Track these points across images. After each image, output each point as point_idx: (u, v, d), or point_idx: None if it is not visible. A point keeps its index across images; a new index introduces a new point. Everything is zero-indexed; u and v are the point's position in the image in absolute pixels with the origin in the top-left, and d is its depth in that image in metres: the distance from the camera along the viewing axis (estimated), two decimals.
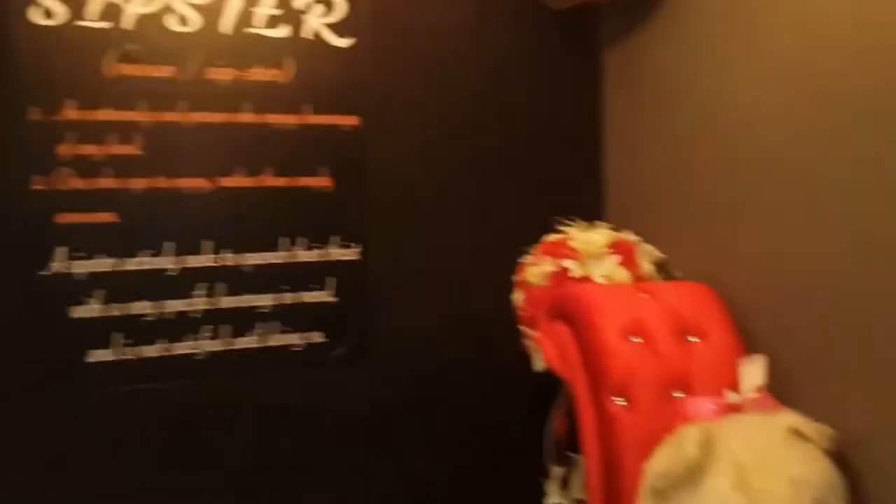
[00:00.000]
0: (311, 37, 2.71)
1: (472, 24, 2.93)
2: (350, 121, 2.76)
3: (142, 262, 2.56)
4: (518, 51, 2.98)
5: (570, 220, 2.72)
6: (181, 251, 2.60)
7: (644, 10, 2.79)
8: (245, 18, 2.64)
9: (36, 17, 2.43)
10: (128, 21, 2.51)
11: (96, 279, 2.51)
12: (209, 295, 2.63)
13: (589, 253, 2.53)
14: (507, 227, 2.90)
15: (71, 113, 2.46)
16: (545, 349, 2.41)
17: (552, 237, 2.67)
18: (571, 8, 2.89)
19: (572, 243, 2.57)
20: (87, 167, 2.48)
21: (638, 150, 2.85)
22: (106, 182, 2.50)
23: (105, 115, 2.49)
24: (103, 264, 2.51)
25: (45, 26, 2.44)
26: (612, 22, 3.02)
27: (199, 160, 2.60)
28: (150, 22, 2.54)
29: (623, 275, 2.51)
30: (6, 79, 2.40)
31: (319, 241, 2.75)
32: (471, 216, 2.92)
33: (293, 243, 2.72)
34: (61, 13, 2.45)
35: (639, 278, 2.52)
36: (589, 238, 2.58)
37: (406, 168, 2.85)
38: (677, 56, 2.62)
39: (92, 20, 2.48)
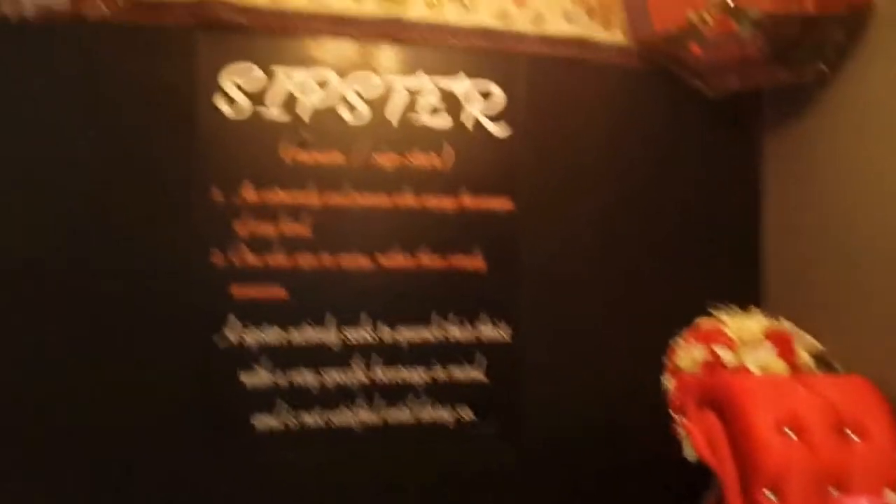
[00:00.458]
0: (469, 125, 2.85)
1: (627, 111, 3.00)
2: (504, 204, 2.87)
3: (306, 334, 2.71)
4: (673, 135, 3.03)
5: (725, 305, 2.70)
6: (342, 324, 2.74)
7: (805, 96, 2.79)
8: (409, 109, 2.81)
9: (223, 107, 2.67)
10: (304, 111, 2.72)
11: (264, 348, 2.68)
12: (366, 367, 2.76)
13: (743, 341, 2.50)
14: (660, 310, 2.90)
15: (249, 194, 2.67)
16: (695, 438, 2.38)
17: (706, 322, 2.65)
18: (730, 95, 2.91)
19: (726, 330, 2.55)
20: (260, 244, 2.68)
21: (797, 236, 2.82)
22: (277, 259, 2.69)
23: (279, 196, 2.69)
24: (271, 334, 2.68)
25: (230, 115, 2.68)
26: (772, 108, 3.03)
27: (361, 240, 2.76)
28: (324, 112, 2.74)
29: (779, 365, 2.46)
30: (193, 161, 2.63)
31: (471, 319, 2.84)
32: (623, 297, 2.95)
33: (445, 320, 2.82)
34: (245, 105, 2.68)
35: (795, 369, 2.46)
36: (744, 325, 2.55)
37: (558, 250, 2.91)
38: (839, 142, 2.60)
39: (272, 111, 2.70)
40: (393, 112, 2.79)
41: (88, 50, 2.56)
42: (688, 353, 2.57)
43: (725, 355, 2.49)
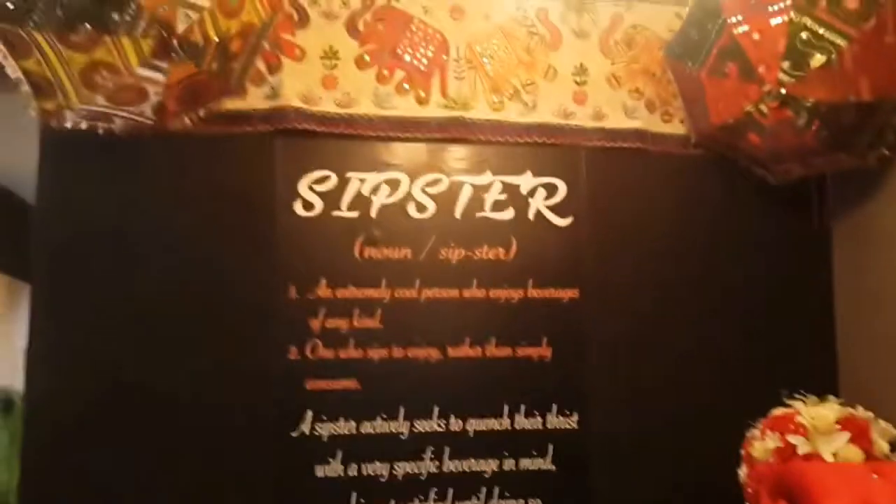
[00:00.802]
0: (533, 218, 2.94)
1: (689, 199, 3.05)
2: (569, 294, 2.92)
3: (377, 426, 2.77)
4: (738, 222, 3.05)
5: (799, 393, 2.66)
6: (412, 416, 2.79)
7: (871, 178, 2.80)
8: (475, 204, 2.91)
9: (298, 209, 2.81)
10: (374, 210, 2.85)
11: (337, 441, 2.75)
12: (435, 458, 2.79)
13: (817, 429, 2.46)
14: (732, 399, 2.86)
15: (323, 291, 2.79)
16: None
17: (779, 411, 2.61)
18: (794, 180, 2.93)
19: (800, 418, 2.51)
20: (334, 339, 2.77)
21: (872, 322, 2.78)
22: (350, 352, 2.78)
23: (351, 292, 2.80)
24: (344, 427, 2.75)
25: (305, 217, 2.82)
26: (838, 191, 3.03)
27: (430, 332, 2.83)
28: (393, 210, 2.87)
29: (854, 453, 2.41)
30: (272, 262, 2.77)
31: (539, 409, 2.86)
32: (693, 386, 2.92)
33: (514, 410, 2.85)
34: (319, 205, 2.83)
35: (872, 458, 2.40)
36: (818, 413, 2.51)
37: (625, 338, 2.93)
38: None
39: (343, 210, 2.84)
40: (459, 208, 2.90)
41: (173, 159, 2.75)
42: (761, 443, 2.54)
43: (799, 444, 2.45)
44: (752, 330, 3.00)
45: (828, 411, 2.51)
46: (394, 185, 2.87)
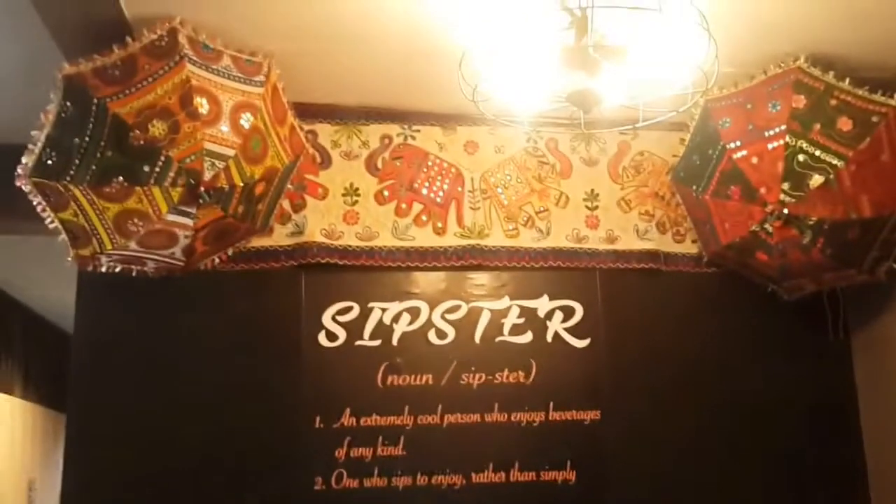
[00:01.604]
0: (551, 340, 3.00)
1: (705, 316, 3.10)
2: (591, 415, 2.94)
3: None
4: (755, 338, 3.09)
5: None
6: None
7: (886, 289, 2.83)
8: (493, 328, 2.99)
9: (323, 340, 2.90)
10: (395, 338, 2.93)
11: None
12: None
13: None
14: None
15: (347, 420, 2.84)
16: None
17: None
18: (808, 295, 2.97)
19: None
20: (358, 468, 2.81)
21: None
22: (374, 481, 2.80)
23: (375, 420, 2.85)
24: None
25: (329, 347, 2.90)
26: (855, 304, 3.05)
27: (453, 458, 2.86)
28: (414, 337, 2.94)
29: None
30: (298, 393, 2.84)
31: None
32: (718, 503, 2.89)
33: None
34: (342, 336, 2.92)
35: None
36: None
37: (647, 458, 2.93)
38: None
39: (366, 340, 2.92)
40: (478, 333, 2.97)
41: (203, 296, 2.87)
42: None
43: None
44: (775, 447, 2.99)
45: None
46: (414, 313, 2.96)
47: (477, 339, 2.97)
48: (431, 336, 2.96)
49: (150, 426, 2.77)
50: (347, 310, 2.94)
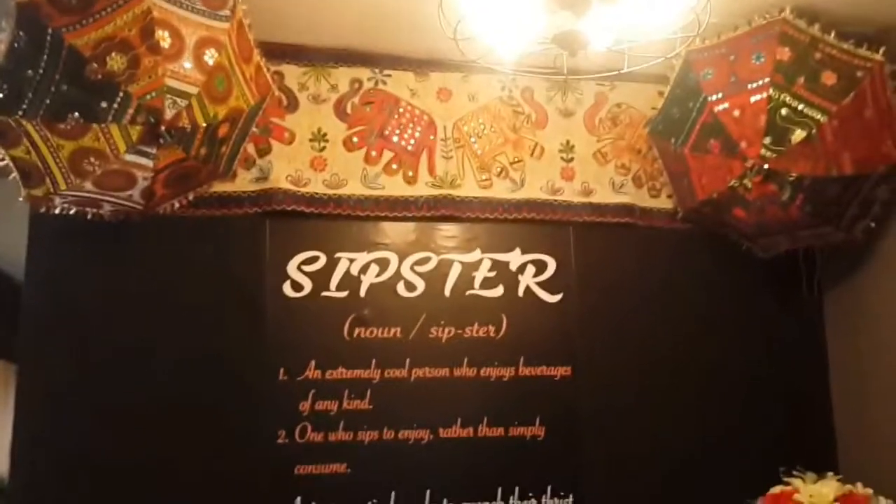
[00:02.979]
0: (522, 294, 2.93)
1: (679, 273, 3.05)
2: (562, 371, 2.89)
3: None
4: (729, 296, 3.07)
5: (798, 471, 2.61)
6: (404, 501, 2.73)
7: (859, 250, 2.81)
8: (464, 282, 2.91)
9: (288, 291, 2.80)
10: (363, 289, 2.84)
11: None
12: None
13: None
14: (728, 477, 2.82)
15: (312, 373, 2.76)
16: None
17: (777, 489, 2.57)
18: (782, 255, 2.94)
19: (798, 496, 2.48)
20: (323, 422, 2.73)
21: (868, 396, 2.76)
22: (339, 435, 2.73)
23: (341, 373, 2.77)
24: None
25: (294, 298, 2.81)
26: (828, 263, 3.04)
27: (421, 413, 2.79)
28: (382, 289, 2.86)
29: None
30: (262, 345, 2.75)
31: (534, 490, 2.81)
32: (688, 464, 2.88)
33: (508, 493, 2.79)
34: (308, 286, 2.82)
35: None
36: (816, 490, 2.48)
37: (618, 417, 2.90)
38: None
39: (333, 291, 2.83)
40: (448, 286, 2.89)
41: (162, 242, 2.75)
42: None
43: None
44: (747, 404, 2.98)
45: (826, 488, 2.47)
46: (383, 264, 2.88)
47: (447, 292, 2.90)
48: (400, 288, 2.87)
49: (104, 377, 2.65)
50: (313, 259, 2.83)
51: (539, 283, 2.95)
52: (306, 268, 2.82)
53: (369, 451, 2.74)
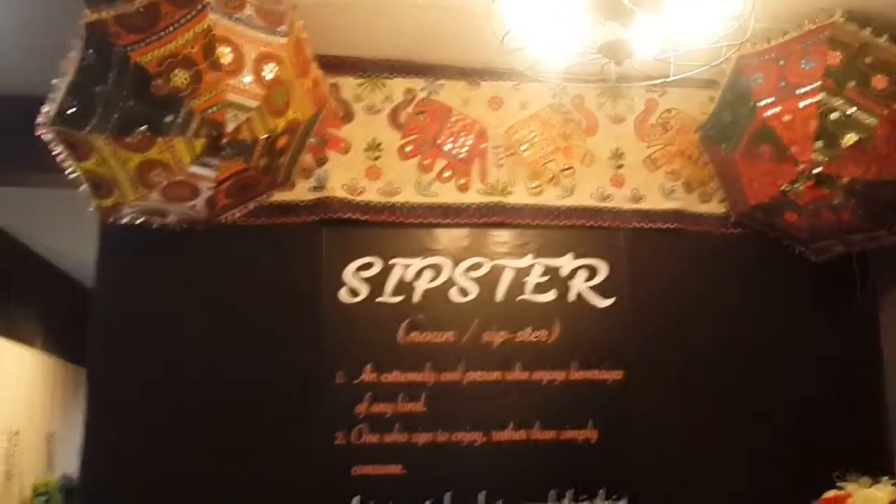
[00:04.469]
0: (574, 299, 2.97)
1: (730, 277, 3.05)
2: (614, 375, 2.92)
3: None
4: (780, 299, 3.05)
5: (852, 475, 2.59)
6: (459, 501, 2.78)
7: None
8: (516, 287, 2.96)
9: (344, 296, 2.89)
10: (417, 295, 2.91)
11: None
12: None
13: None
14: (783, 480, 2.82)
15: (368, 376, 2.84)
16: None
17: (831, 493, 2.55)
18: (835, 258, 2.92)
19: (852, 500, 2.45)
20: (379, 424, 2.81)
21: None
22: (394, 437, 2.80)
23: (396, 377, 2.84)
24: None
25: (351, 303, 2.89)
26: (883, 266, 3.00)
27: (474, 415, 2.85)
28: (436, 294, 2.92)
29: None
30: (319, 349, 2.83)
31: (587, 493, 2.83)
32: (743, 466, 2.88)
33: (561, 496, 2.82)
34: (364, 292, 2.90)
35: None
36: (871, 494, 2.45)
37: (671, 419, 2.90)
38: None
39: (388, 296, 2.90)
40: (501, 291, 2.94)
41: (223, 250, 2.85)
42: None
43: None
44: (801, 408, 2.95)
45: (881, 493, 2.45)
46: (437, 270, 2.94)
47: (499, 296, 2.95)
48: (453, 293, 2.93)
49: (169, 382, 2.77)
50: (369, 266, 2.91)
51: (591, 288, 2.99)
52: (362, 274, 2.91)
53: (424, 452, 2.81)
